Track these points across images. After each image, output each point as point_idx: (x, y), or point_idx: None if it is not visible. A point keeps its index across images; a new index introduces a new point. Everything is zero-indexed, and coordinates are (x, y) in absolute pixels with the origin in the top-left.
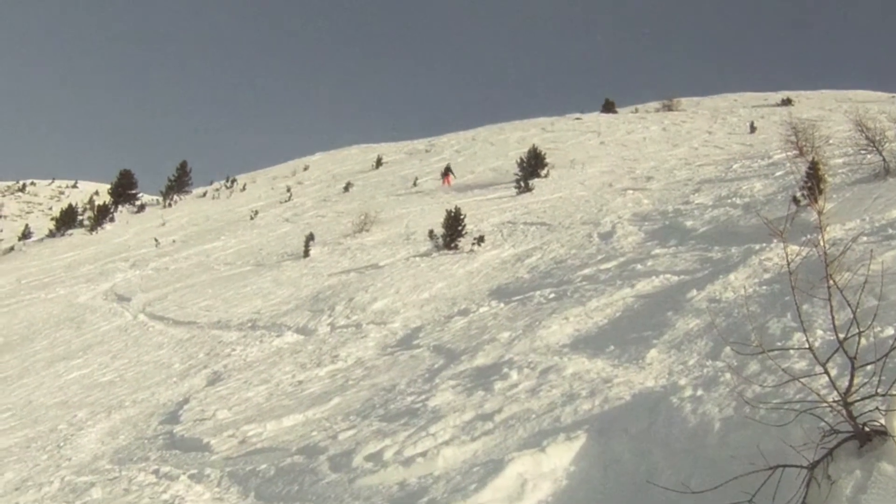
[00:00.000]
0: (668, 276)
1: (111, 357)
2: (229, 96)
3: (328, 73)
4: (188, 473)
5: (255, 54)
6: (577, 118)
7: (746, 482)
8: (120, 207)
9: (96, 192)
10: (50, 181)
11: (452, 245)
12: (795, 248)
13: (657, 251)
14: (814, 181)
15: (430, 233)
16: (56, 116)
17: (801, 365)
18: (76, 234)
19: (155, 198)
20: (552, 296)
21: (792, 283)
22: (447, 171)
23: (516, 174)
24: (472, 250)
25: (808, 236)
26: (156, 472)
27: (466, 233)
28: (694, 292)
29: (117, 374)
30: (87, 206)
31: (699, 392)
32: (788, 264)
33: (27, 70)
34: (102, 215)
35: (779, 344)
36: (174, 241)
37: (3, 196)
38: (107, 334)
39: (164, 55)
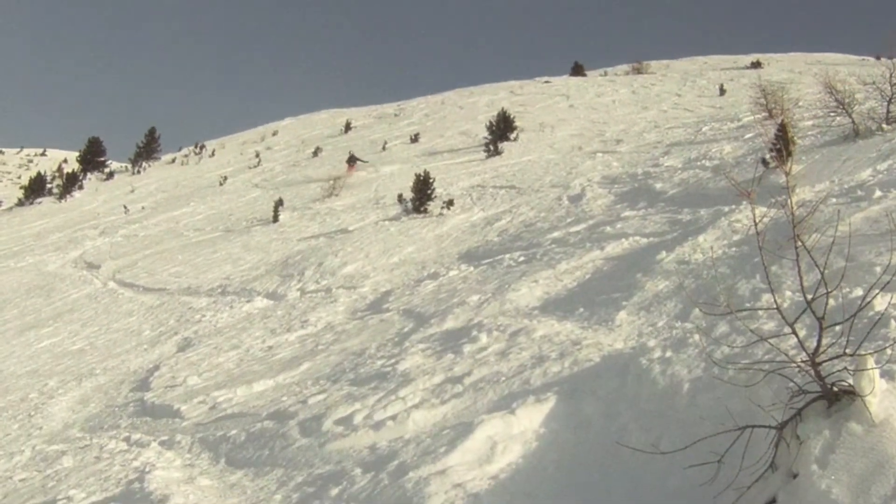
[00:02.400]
0: (637, 238)
1: (81, 325)
2: (198, 61)
3: (297, 36)
4: (159, 440)
5: (224, 17)
6: (547, 81)
7: (715, 442)
8: (89, 175)
9: (65, 160)
10: (18, 149)
11: (422, 209)
12: (764, 209)
13: (627, 214)
14: (783, 143)
15: (400, 197)
16: (23, 83)
17: (769, 326)
18: (45, 203)
19: (124, 165)
20: (522, 259)
21: (760, 244)
22: (352, 160)
23: (485, 138)
24: (441, 214)
25: (777, 198)
26: (127, 439)
27: (436, 197)
28: (663, 254)
29: (87, 342)
30: (56, 174)
31: (668, 353)
32: (756, 225)
33: None
34: (71, 183)
35: (748, 305)
36: (143, 208)
37: None
38: (76, 302)
39: (133, 18)
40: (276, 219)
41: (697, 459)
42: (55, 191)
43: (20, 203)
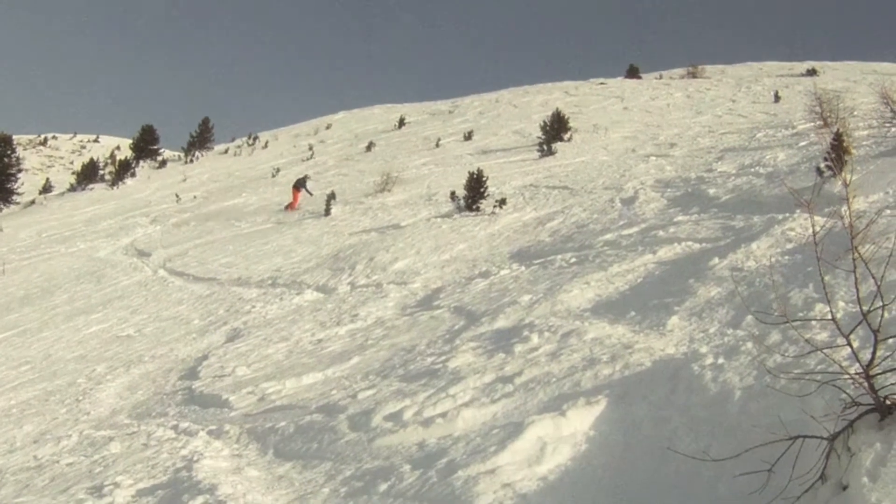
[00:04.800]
0: (689, 243)
1: (130, 312)
2: (254, 53)
3: (354, 31)
4: (207, 429)
5: (280, 10)
6: (602, 83)
7: (766, 452)
8: (141, 163)
9: (118, 147)
10: (71, 135)
11: (474, 207)
12: (820, 219)
13: (679, 218)
14: (838, 152)
15: (452, 194)
16: (78, 69)
17: (822, 336)
18: (97, 189)
19: (177, 154)
20: (573, 260)
21: (818, 253)
22: (299, 185)
23: (539, 137)
24: (493, 213)
25: (833, 207)
26: (174, 427)
27: (488, 195)
28: (716, 260)
29: (136, 329)
30: (109, 161)
31: (720, 360)
32: (814, 234)
33: (50, 23)
34: (124, 170)
35: (800, 314)
36: (195, 197)
37: (25, 150)
38: (126, 289)
39: (189, 8)
40: (327, 212)
41: (748, 468)
42: (107, 177)
43: (72, 188)
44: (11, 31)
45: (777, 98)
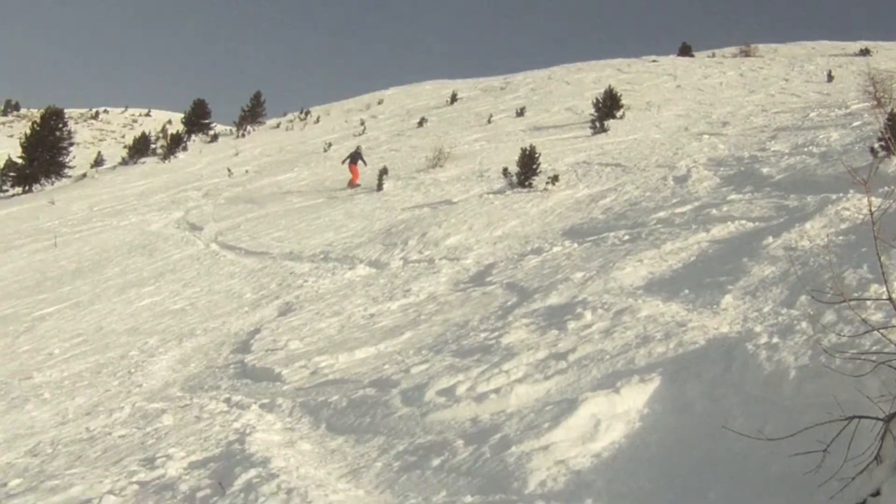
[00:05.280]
0: (743, 221)
1: (182, 285)
2: (305, 27)
3: (405, 5)
4: (259, 403)
5: None
6: (654, 61)
7: (821, 431)
8: (193, 137)
9: (169, 121)
10: (123, 109)
11: (526, 183)
12: (875, 199)
13: (732, 197)
14: (893, 132)
15: (505, 170)
16: (129, 43)
17: (877, 316)
18: (149, 163)
19: (228, 128)
20: (626, 237)
21: (875, 233)
22: (355, 158)
23: (592, 115)
24: (546, 189)
25: (888, 188)
26: (227, 400)
27: (541, 171)
28: (770, 239)
29: (188, 302)
30: (160, 135)
31: (775, 339)
32: (871, 214)
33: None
34: (175, 144)
35: (855, 294)
36: (247, 172)
37: (76, 123)
38: (178, 263)
39: None
40: (380, 187)
41: (802, 447)
42: (159, 151)
43: (123, 162)
44: (63, 6)
45: (830, 78)
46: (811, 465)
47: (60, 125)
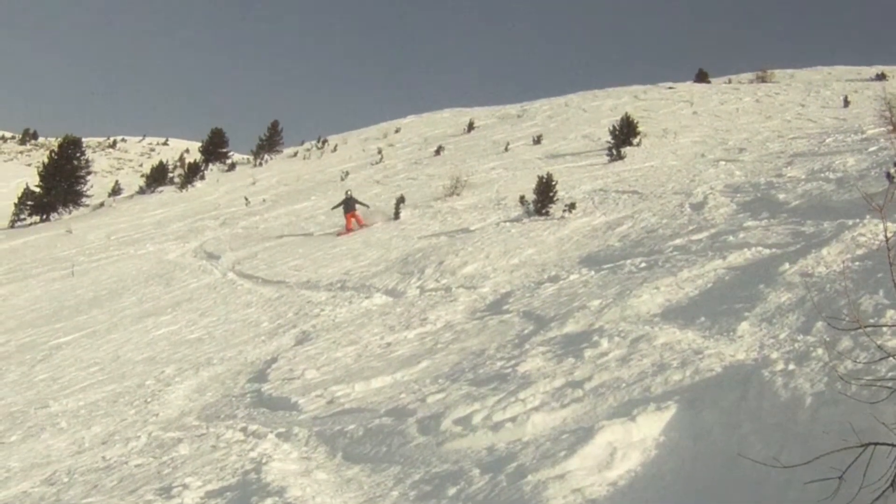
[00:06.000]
0: (759, 248)
1: (199, 314)
2: (323, 56)
3: (421, 34)
4: (276, 432)
5: (349, 14)
6: (671, 87)
7: (837, 458)
8: (210, 166)
9: (187, 150)
10: (140, 138)
11: (543, 211)
12: (892, 224)
13: (749, 223)
14: None
15: (521, 198)
16: (147, 73)
17: (893, 342)
18: (166, 192)
19: (245, 157)
20: (643, 265)
21: (889, 258)
22: (350, 204)
23: (608, 142)
24: (562, 217)
25: None
26: (243, 429)
27: (557, 199)
28: (786, 266)
29: (205, 331)
30: (178, 164)
31: (791, 366)
32: (887, 239)
33: (116, 25)
34: (193, 173)
35: (871, 320)
36: (264, 200)
37: (94, 152)
38: (195, 291)
39: (257, 12)
40: (396, 216)
41: (818, 475)
42: (176, 180)
43: (141, 191)
44: (81, 34)
45: (846, 103)
46: (827, 492)
47: (78, 154)
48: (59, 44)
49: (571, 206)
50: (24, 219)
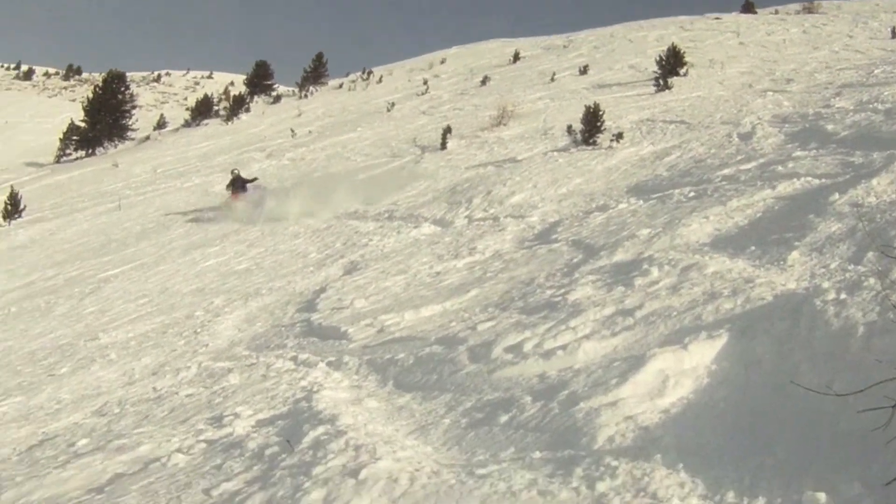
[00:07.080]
0: (808, 178)
1: (247, 245)
2: None
3: None
4: (326, 361)
5: None
6: (717, 18)
7: (890, 388)
8: (255, 98)
9: (231, 83)
10: (185, 72)
11: (591, 141)
12: None
13: (798, 154)
14: None
15: (569, 128)
16: (191, 6)
17: None
18: (211, 125)
19: (291, 89)
20: (692, 194)
21: None
22: (238, 183)
23: (655, 72)
24: (610, 147)
25: None
26: (294, 358)
27: (605, 129)
28: (836, 196)
29: (253, 262)
30: (223, 97)
31: (842, 295)
32: None
33: None
34: (238, 105)
35: None
36: (310, 132)
37: (138, 86)
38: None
39: None
40: (443, 146)
41: (871, 403)
42: (221, 113)
43: (186, 124)
44: None
45: (894, 34)
46: (880, 420)
47: (122, 88)
48: None
49: (619, 136)
50: (70, 153)
